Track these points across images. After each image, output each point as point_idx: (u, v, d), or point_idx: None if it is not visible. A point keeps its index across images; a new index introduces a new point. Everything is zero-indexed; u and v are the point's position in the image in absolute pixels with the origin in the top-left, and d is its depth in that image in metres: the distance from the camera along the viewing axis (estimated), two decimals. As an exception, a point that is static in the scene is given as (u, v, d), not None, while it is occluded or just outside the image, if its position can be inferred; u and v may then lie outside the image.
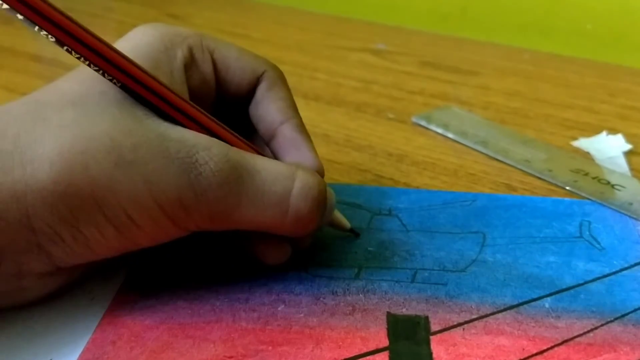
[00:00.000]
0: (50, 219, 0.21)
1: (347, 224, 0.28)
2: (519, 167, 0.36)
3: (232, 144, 0.24)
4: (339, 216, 0.28)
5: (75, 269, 0.24)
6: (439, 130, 0.40)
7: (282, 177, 0.24)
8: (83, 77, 0.23)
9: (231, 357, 0.22)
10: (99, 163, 0.21)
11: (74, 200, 0.21)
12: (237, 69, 0.27)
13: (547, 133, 0.41)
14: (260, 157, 0.24)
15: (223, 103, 0.27)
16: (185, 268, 0.27)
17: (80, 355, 0.22)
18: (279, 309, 0.24)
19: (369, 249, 0.28)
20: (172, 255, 0.27)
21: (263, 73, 0.27)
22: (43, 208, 0.21)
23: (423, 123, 0.42)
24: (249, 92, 0.27)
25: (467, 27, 0.64)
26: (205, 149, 0.23)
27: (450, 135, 0.40)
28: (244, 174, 0.23)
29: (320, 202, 0.25)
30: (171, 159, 0.22)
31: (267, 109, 0.27)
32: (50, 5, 0.21)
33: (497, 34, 0.62)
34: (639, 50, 0.56)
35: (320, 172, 0.26)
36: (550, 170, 0.35)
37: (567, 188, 0.33)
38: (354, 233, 0.29)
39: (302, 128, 0.27)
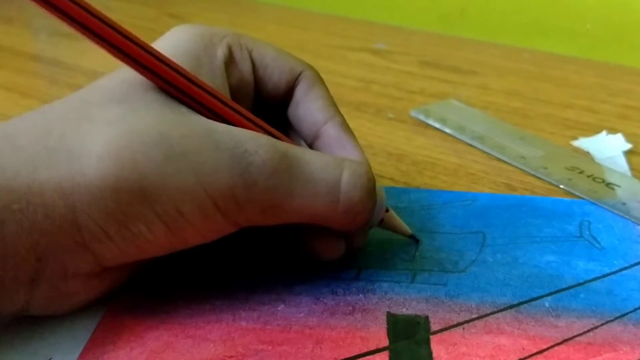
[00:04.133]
0: (98, 216, 0.21)
1: (406, 229, 0.28)
2: (514, 163, 0.36)
3: (277, 138, 0.24)
4: (398, 220, 0.28)
5: (122, 270, 0.23)
6: (437, 125, 0.41)
7: (330, 166, 0.23)
8: (125, 76, 0.23)
9: (231, 356, 0.22)
10: (148, 157, 0.21)
11: (123, 196, 0.21)
12: (275, 68, 0.27)
13: (547, 133, 0.41)
14: (306, 149, 0.24)
15: (260, 104, 0.27)
16: (185, 268, 0.27)
17: (80, 355, 0.22)
18: (279, 308, 0.24)
19: (369, 249, 0.28)
20: (171, 255, 0.27)
21: (301, 73, 0.27)
22: (91, 205, 0.20)
23: (421, 117, 0.42)
24: (287, 93, 0.27)
25: (466, 27, 0.64)
26: (253, 139, 0.22)
27: (447, 130, 0.40)
28: (293, 163, 0.23)
29: (371, 191, 0.24)
30: (221, 150, 0.22)
31: (308, 109, 0.27)
32: (78, 4, 0.20)
33: (497, 34, 0.62)
34: (639, 50, 0.56)
35: None
36: (545, 168, 0.35)
37: (561, 186, 0.33)
38: (414, 239, 0.28)
39: (345, 126, 0.27)
